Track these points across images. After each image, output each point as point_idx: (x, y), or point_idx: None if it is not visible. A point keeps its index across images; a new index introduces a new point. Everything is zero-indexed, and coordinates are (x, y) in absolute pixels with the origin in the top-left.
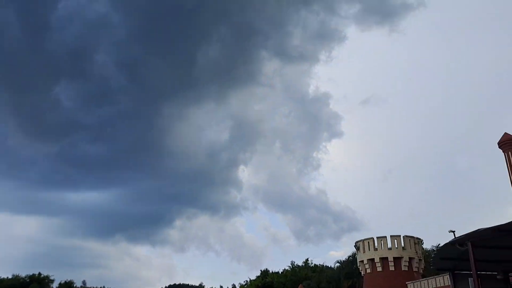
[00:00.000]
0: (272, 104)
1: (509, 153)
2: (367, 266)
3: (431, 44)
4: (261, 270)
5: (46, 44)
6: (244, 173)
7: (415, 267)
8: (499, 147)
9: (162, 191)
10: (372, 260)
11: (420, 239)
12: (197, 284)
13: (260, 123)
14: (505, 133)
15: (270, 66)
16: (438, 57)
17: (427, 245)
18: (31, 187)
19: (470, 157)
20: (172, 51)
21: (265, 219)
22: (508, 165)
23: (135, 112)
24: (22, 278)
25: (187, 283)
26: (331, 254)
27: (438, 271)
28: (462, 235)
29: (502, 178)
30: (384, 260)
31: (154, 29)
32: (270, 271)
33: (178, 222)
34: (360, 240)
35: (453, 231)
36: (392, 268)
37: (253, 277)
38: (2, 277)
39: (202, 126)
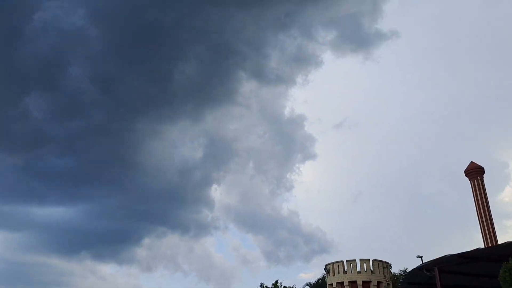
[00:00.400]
0: (247, 124)
1: (475, 181)
2: None
3: (403, 72)
4: None
5: (19, 54)
6: (216, 192)
7: None
8: (466, 175)
9: (131, 208)
10: (342, 283)
11: (388, 263)
12: None
13: (234, 142)
14: (472, 162)
15: (247, 86)
16: (410, 85)
17: (395, 269)
18: None
19: (438, 183)
20: (149, 67)
21: (236, 239)
22: (474, 192)
23: (107, 127)
24: None
25: None
26: (301, 276)
27: None
28: (429, 261)
29: (468, 205)
30: (353, 283)
31: (131, 44)
32: None
33: (146, 241)
34: (330, 263)
35: (421, 257)
36: None
37: None
38: None
39: (175, 143)
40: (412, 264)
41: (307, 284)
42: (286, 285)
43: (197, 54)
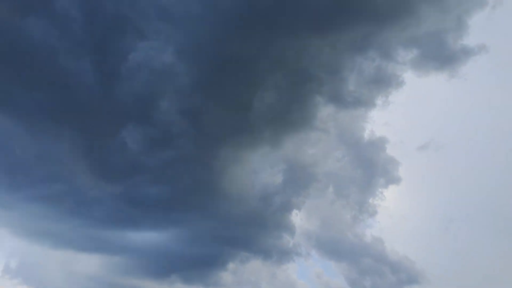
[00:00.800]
0: (325, 149)
1: None
2: None
3: (492, 89)
4: None
5: (116, 91)
6: (297, 218)
7: None
8: None
9: (216, 233)
10: None
11: None
12: None
13: (313, 167)
14: None
15: (324, 111)
16: (500, 103)
17: None
18: (95, 225)
19: None
20: (230, 97)
21: (318, 266)
22: None
23: (193, 156)
24: None
25: None
26: None
27: None
28: None
29: None
30: None
31: (214, 77)
32: None
33: (231, 265)
34: None
35: None
36: None
37: None
38: None
39: (256, 169)
40: None
41: None
42: None
43: (275, 82)
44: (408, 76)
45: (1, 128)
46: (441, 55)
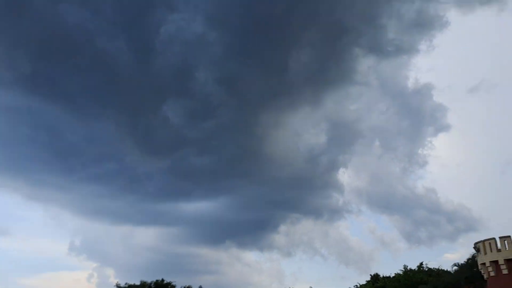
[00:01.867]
0: (368, 102)
1: None
2: (490, 269)
3: None
4: (370, 275)
5: (153, 67)
6: (344, 176)
7: None
8: None
9: (265, 197)
10: (496, 262)
11: None
12: None
13: (357, 123)
14: None
15: (364, 63)
16: None
17: None
18: (149, 199)
19: None
20: (265, 60)
21: (370, 222)
22: None
23: (234, 124)
24: (149, 284)
25: None
26: (446, 257)
27: None
28: None
29: None
30: (510, 262)
31: (246, 42)
32: (381, 276)
33: (282, 227)
34: (480, 241)
35: None
36: None
37: (362, 282)
38: (131, 283)
39: (298, 131)
40: None
41: (456, 265)
42: (431, 267)
43: (309, 39)
44: (452, 15)
45: (49, 114)
46: None
